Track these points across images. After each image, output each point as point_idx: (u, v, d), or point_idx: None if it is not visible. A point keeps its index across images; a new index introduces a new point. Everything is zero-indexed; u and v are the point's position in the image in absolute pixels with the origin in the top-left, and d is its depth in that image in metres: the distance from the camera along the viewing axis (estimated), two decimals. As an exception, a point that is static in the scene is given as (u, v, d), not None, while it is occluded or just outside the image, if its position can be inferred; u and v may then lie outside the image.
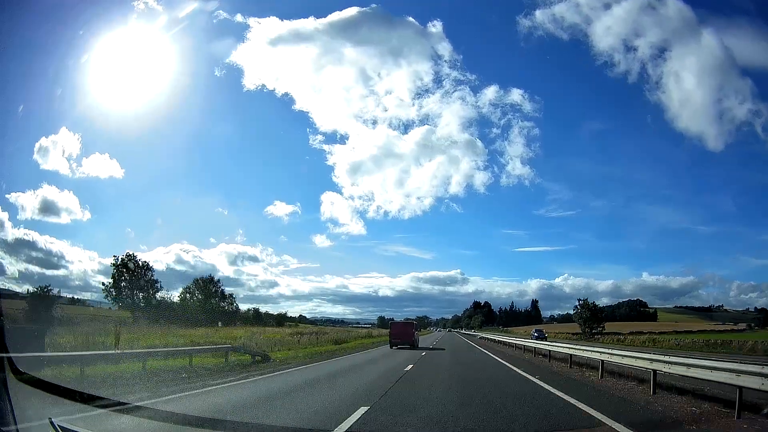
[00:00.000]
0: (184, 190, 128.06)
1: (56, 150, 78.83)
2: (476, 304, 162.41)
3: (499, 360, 20.64)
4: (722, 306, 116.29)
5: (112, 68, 59.61)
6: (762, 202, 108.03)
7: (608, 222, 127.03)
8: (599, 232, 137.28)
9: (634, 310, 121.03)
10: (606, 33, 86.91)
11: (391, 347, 31.34)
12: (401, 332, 32.07)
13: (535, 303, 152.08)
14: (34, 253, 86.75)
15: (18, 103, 49.62)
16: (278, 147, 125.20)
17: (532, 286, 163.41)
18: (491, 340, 45.43)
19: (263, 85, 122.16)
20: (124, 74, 72.30)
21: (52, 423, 4.48)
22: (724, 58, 76.42)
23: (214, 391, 9.83)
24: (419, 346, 33.05)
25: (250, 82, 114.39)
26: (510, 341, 34.32)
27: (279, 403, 8.28)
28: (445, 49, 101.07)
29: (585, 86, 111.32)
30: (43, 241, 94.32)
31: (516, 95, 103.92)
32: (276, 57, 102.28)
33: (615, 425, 6.55)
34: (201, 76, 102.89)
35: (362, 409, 7.47)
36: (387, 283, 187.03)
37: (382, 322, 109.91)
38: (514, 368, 15.97)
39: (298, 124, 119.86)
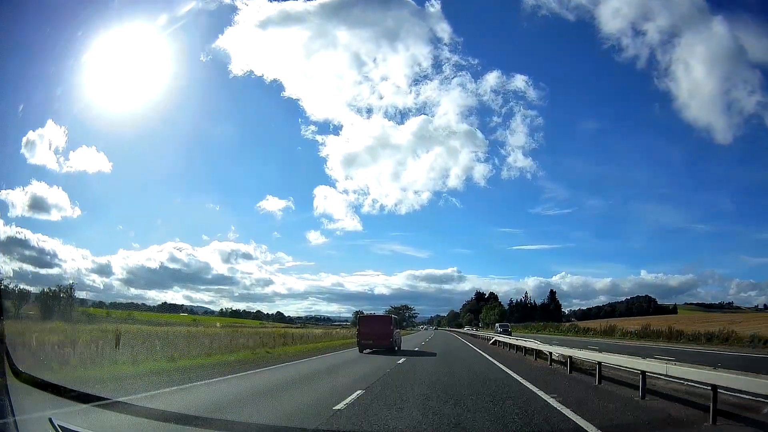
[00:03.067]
0: (173, 185, 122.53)
1: (43, 144, 76.18)
2: (479, 296, 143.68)
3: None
4: (732, 303, 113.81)
5: (99, 61, 56.67)
6: (762, 200, 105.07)
7: (606, 220, 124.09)
8: (597, 229, 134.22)
9: (650, 305, 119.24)
10: (614, 15, 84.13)
11: (360, 351, 23.58)
12: (375, 331, 24.05)
13: (553, 294, 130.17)
14: (27, 252, 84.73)
15: (18, 103, 49.09)
16: (269, 138, 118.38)
17: (530, 284, 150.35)
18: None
19: (251, 71, 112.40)
20: (111, 68, 65.62)
21: (51, 422, 4.61)
22: (734, 48, 74.63)
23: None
24: (402, 349, 25.80)
25: (237, 68, 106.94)
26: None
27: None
28: (444, 31, 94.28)
29: (590, 72, 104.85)
30: (36, 239, 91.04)
31: (519, 81, 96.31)
32: (265, 41, 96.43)
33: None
34: (187, 64, 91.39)
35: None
36: (383, 281, 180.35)
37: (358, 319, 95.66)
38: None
39: (289, 114, 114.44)
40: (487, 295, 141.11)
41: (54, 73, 52.32)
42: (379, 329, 24.07)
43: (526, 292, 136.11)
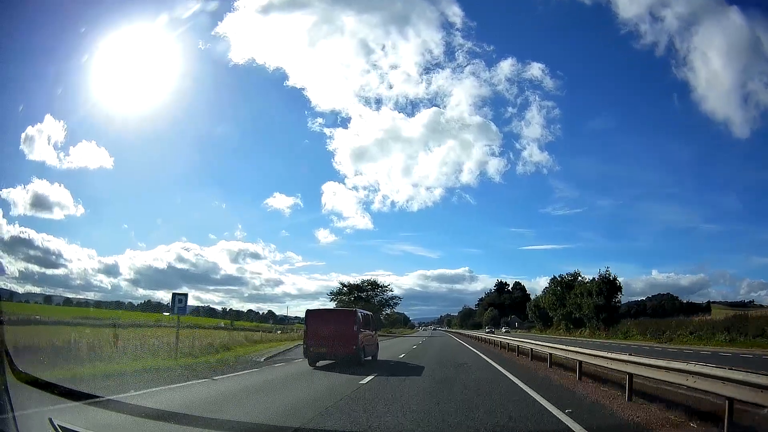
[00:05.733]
0: (176, 181, 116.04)
1: (42, 139, 72.57)
2: (500, 287, 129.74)
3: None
4: (753, 301, 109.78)
5: (96, 55, 54.30)
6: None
7: (615, 219, 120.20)
8: (606, 229, 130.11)
9: (680, 304, 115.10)
10: (631, 0, 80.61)
11: (311, 364, 15.62)
12: (330, 332, 15.67)
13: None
14: (32, 252, 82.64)
15: (18, 99, 49.94)
16: (274, 130, 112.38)
17: (542, 285, 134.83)
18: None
19: (252, 59, 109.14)
20: (108, 61, 61.39)
21: (51, 422, 4.53)
22: (751, 39, 71.36)
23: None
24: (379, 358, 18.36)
25: (238, 56, 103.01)
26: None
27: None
28: (456, 15, 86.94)
29: (607, 60, 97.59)
30: (40, 239, 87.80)
31: (536, 69, 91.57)
32: (267, 27, 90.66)
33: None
34: (185, 53, 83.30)
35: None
36: (394, 281, 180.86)
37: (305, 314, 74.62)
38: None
39: (294, 104, 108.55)
40: (511, 286, 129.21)
41: (53, 69, 52.57)
42: (336, 330, 15.75)
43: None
